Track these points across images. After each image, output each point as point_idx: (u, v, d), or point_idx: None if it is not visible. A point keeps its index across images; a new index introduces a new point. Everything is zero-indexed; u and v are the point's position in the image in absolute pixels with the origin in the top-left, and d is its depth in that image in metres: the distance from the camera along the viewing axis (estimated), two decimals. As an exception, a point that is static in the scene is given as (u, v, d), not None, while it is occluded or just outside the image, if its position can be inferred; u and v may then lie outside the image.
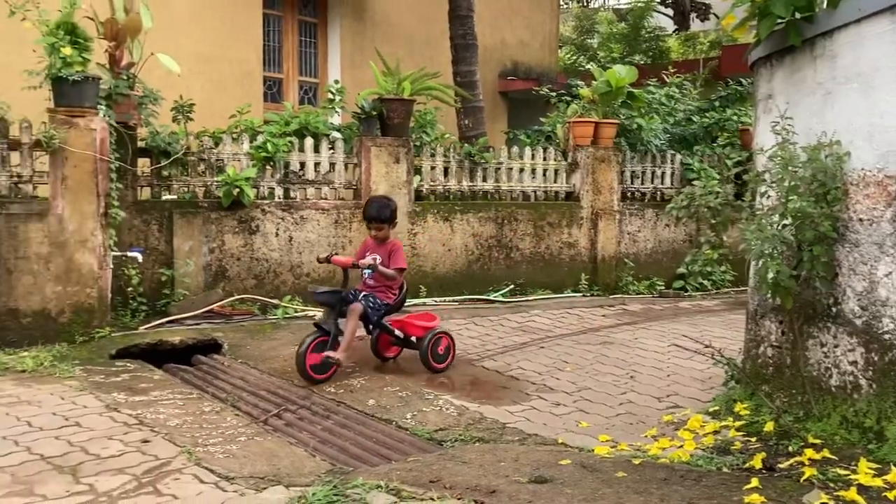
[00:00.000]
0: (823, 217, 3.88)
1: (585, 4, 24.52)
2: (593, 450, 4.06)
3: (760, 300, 4.52)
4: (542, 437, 4.44)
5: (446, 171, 8.62)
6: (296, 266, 7.61)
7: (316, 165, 7.81)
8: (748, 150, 9.22)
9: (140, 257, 6.61)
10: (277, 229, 7.52)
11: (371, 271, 5.58)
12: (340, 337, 5.38)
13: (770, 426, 4.03)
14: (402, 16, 12.26)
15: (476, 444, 4.29)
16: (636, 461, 3.75)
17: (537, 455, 3.93)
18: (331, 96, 8.47)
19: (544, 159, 9.20)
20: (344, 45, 11.67)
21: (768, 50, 4.42)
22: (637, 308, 8.47)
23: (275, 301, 7.34)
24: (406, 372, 5.74)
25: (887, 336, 3.78)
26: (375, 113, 8.00)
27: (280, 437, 4.35)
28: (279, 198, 7.63)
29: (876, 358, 3.82)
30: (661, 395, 5.29)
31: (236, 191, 7.15)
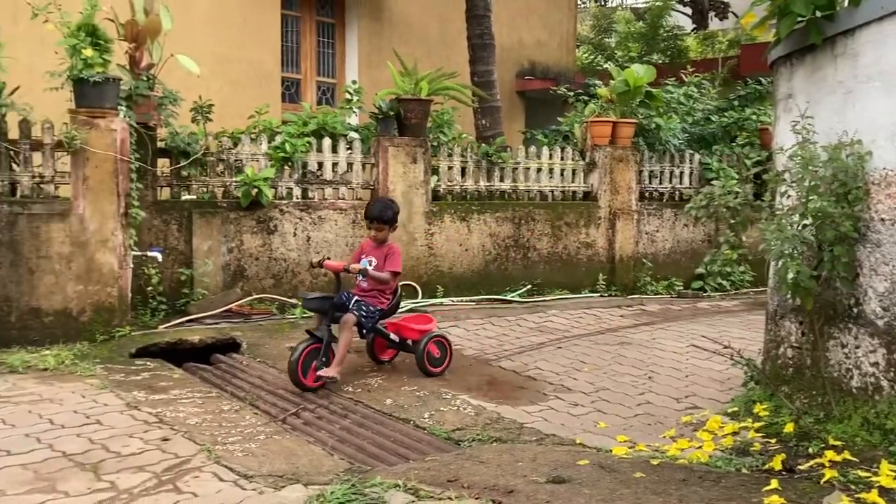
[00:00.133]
0: (844, 217, 3.84)
1: (603, 3, 24.44)
2: (611, 450, 4.05)
3: (780, 301, 4.49)
4: (560, 438, 4.43)
5: (463, 171, 8.62)
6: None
7: (333, 166, 7.84)
8: (768, 150, 9.17)
9: (160, 257, 6.66)
10: (295, 229, 7.56)
11: (363, 276, 5.48)
12: (334, 344, 5.23)
13: (790, 427, 4.00)
14: (420, 16, 12.27)
15: (493, 444, 4.29)
16: (654, 462, 3.74)
17: (555, 455, 3.93)
18: (348, 96, 8.50)
19: (562, 159, 9.18)
20: (361, 46, 11.71)
21: (788, 49, 4.39)
22: (655, 308, 8.44)
23: (293, 301, 7.37)
24: (423, 372, 5.74)
25: (909, 337, 3.74)
26: (393, 113, 8.02)
27: (298, 436, 4.37)
28: (297, 198, 7.66)
29: (898, 359, 3.79)
30: (680, 396, 5.27)
31: (255, 191, 7.19)
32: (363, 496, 3.33)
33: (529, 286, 8.70)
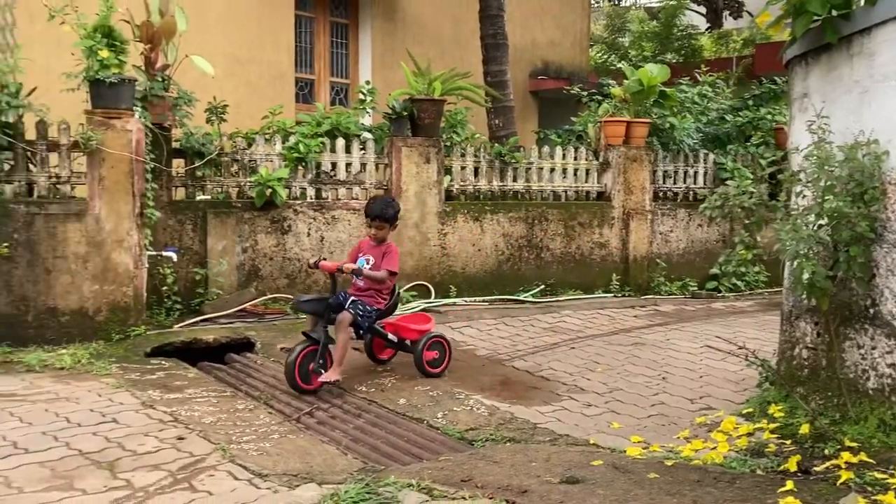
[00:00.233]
0: (860, 217, 3.82)
1: (617, 3, 24.36)
2: (625, 451, 4.04)
3: (795, 301, 4.46)
4: (574, 438, 4.42)
5: (476, 171, 8.62)
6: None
7: (347, 166, 7.86)
8: (783, 150, 9.11)
9: (175, 257, 6.70)
10: (309, 229, 7.58)
11: (357, 276, 5.38)
12: (330, 346, 5.14)
13: (805, 429, 3.97)
14: (433, 16, 12.28)
15: (507, 444, 4.29)
16: (668, 462, 3.73)
17: (569, 455, 3.93)
18: (362, 97, 8.52)
19: (575, 159, 9.16)
20: (375, 46, 11.73)
21: (804, 48, 4.37)
22: (669, 309, 8.41)
23: (306, 300, 7.38)
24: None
25: (926, 338, 3.71)
26: (406, 113, 8.03)
27: (312, 436, 4.39)
28: (311, 198, 7.69)
29: (915, 360, 3.76)
30: (694, 397, 5.25)
31: (269, 191, 7.22)
32: (377, 495, 3.34)
33: (542, 286, 8.69)
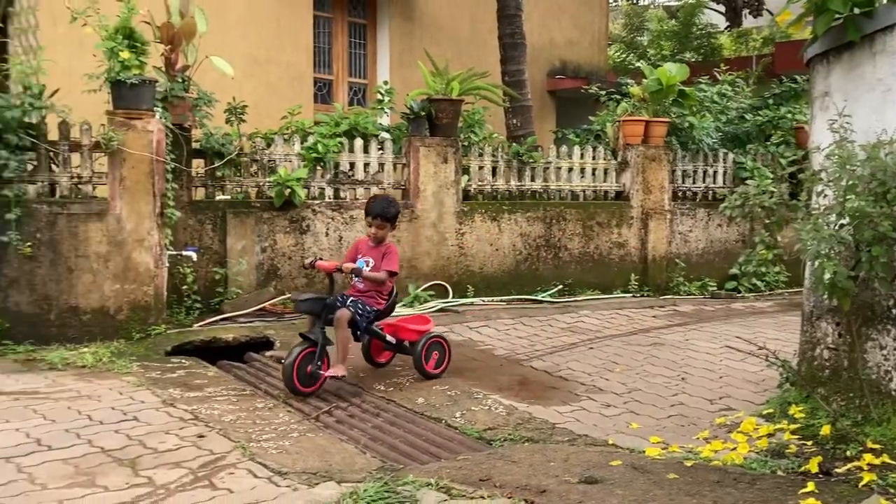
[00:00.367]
0: (883, 217, 3.78)
1: (635, 2, 24.26)
2: (644, 451, 4.03)
3: (816, 301, 4.43)
4: (592, 438, 4.41)
5: (494, 171, 8.62)
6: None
7: (365, 166, 7.88)
8: (803, 149, 9.04)
9: (195, 256, 6.75)
10: (328, 229, 7.61)
11: (357, 276, 5.30)
12: (329, 347, 5.06)
13: (826, 430, 3.94)
14: (451, 16, 12.28)
15: (525, 444, 4.29)
16: (688, 463, 3.71)
17: (587, 456, 3.92)
18: (380, 97, 8.55)
19: (593, 158, 9.14)
20: (393, 46, 11.75)
21: (825, 46, 4.33)
22: (688, 309, 8.37)
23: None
24: (454, 371, 5.75)
25: (950, 339, 3.67)
26: (424, 113, 8.04)
27: (331, 434, 4.41)
28: (329, 198, 7.72)
29: (938, 361, 3.72)
30: (713, 398, 5.22)
31: (288, 191, 7.26)
32: (395, 494, 3.35)
33: (560, 286, 8.67)
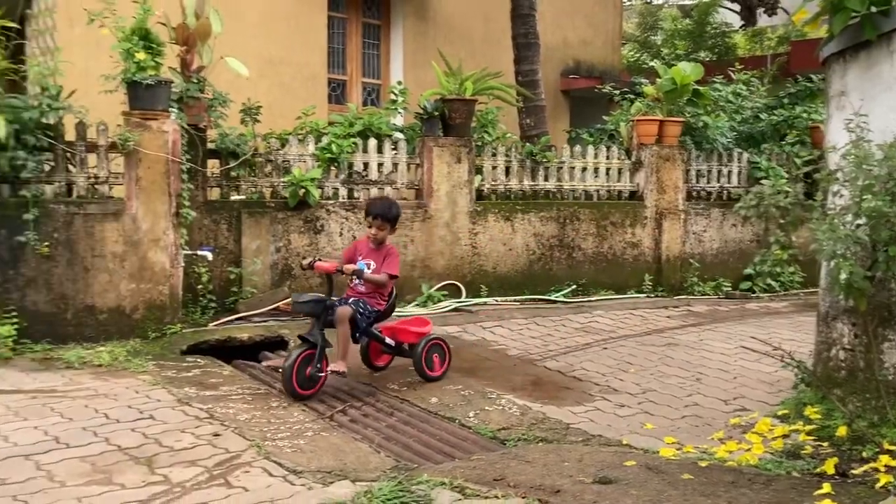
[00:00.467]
0: (900, 216, 3.76)
1: (649, 1, 24.18)
2: (658, 451, 4.02)
3: (832, 302, 4.40)
4: (607, 438, 4.41)
5: (507, 171, 8.62)
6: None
7: (379, 166, 7.90)
8: (819, 149, 8.99)
9: (210, 256, 6.78)
10: (341, 229, 7.63)
11: (358, 278, 5.23)
12: (328, 349, 5.00)
13: (842, 431, 3.92)
14: (464, 16, 12.28)
15: (539, 444, 4.29)
16: (703, 464, 3.71)
17: (601, 456, 3.92)
18: (393, 97, 8.56)
19: (607, 158, 9.12)
20: (406, 47, 11.76)
21: (842, 45, 4.30)
22: (702, 309, 8.34)
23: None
24: (467, 371, 5.76)
25: (968, 340, 3.64)
26: (437, 113, 8.05)
27: (345, 433, 4.43)
28: (343, 198, 7.74)
29: (956, 362, 3.69)
30: (728, 398, 5.21)
31: (302, 191, 7.29)
32: (410, 493, 3.36)
33: (574, 286, 8.65)
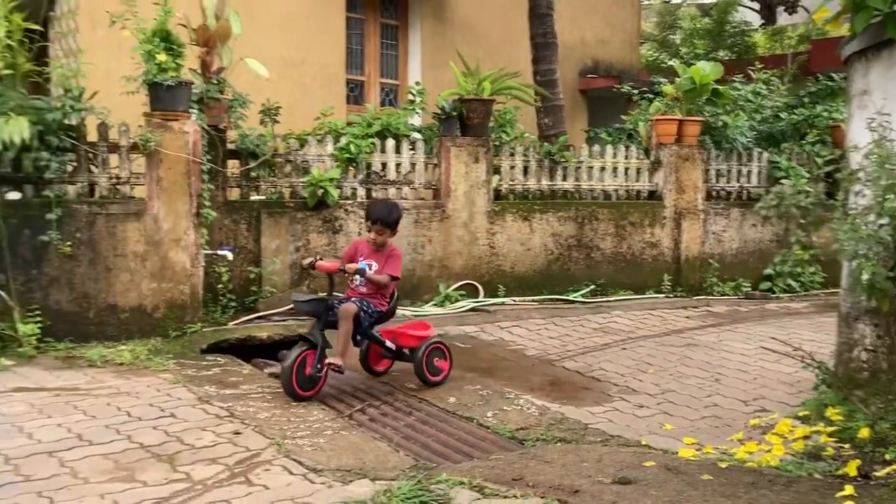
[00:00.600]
0: (923, 216, 3.73)
1: (667, 0, 24.06)
2: (677, 452, 4.01)
3: (854, 302, 4.37)
4: (625, 439, 4.40)
5: (525, 171, 8.62)
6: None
7: (397, 166, 7.92)
8: (840, 148, 8.91)
9: (230, 255, 6.83)
10: (360, 229, 7.65)
11: (360, 278, 5.16)
12: (328, 350, 4.94)
13: (865, 432, 3.89)
14: (482, 16, 12.28)
15: (558, 444, 4.29)
16: (722, 464, 3.69)
17: (620, 456, 3.91)
18: (411, 97, 8.58)
19: (626, 158, 9.09)
20: (424, 47, 11.78)
21: (864, 44, 4.27)
22: (722, 310, 8.30)
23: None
24: (485, 371, 5.77)
25: None
26: (455, 113, 8.06)
27: (364, 432, 4.44)
28: (362, 198, 7.77)
29: (980, 364, 3.65)
30: (748, 399, 5.18)
31: (321, 191, 7.32)
32: (429, 492, 3.37)
33: (592, 286, 8.63)
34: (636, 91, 10.27)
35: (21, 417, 4.37)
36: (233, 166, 7.29)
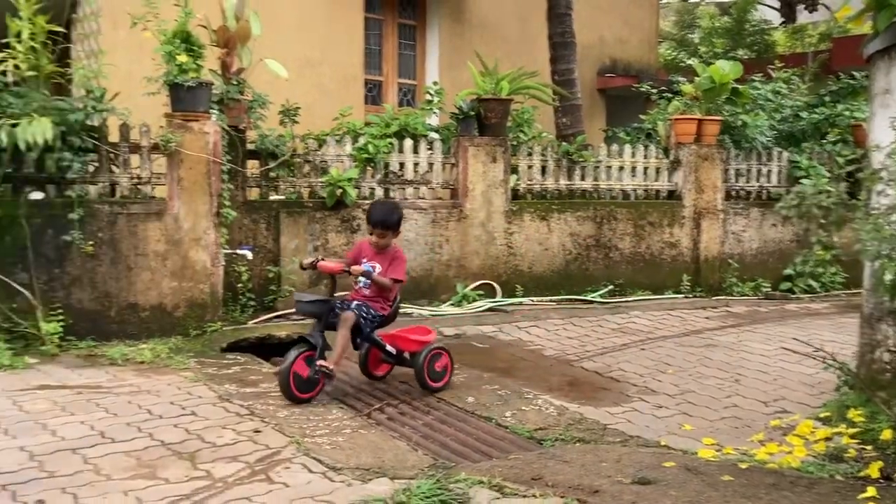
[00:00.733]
0: (947, 216, 3.69)
1: (686, -1, 23.92)
2: (697, 453, 3.99)
3: (877, 303, 4.33)
4: (645, 439, 4.39)
5: (543, 170, 8.60)
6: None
7: (415, 166, 7.94)
8: (861, 147, 8.83)
9: (250, 255, 6.87)
10: (378, 228, 7.66)
11: (365, 279, 5.10)
12: (328, 352, 4.86)
13: (888, 434, 3.86)
14: (500, 16, 12.27)
15: (577, 445, 4.28)
16: (743, 465, 3.67)
17: (640, 456, 3.90)
18: (429, 97, 8.59)
19: (645, 157, 9.06)
20: (442, 47, 11.79)
21: (887, 42, 4.23)
22: (741, 310, 8.25)
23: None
24: (504, 371, 5.77)
25: None
26: (473, 113, 8.06)
27: (383, 431, 4.46)
28: (380, 198, 7.78)
29: None
30: (768, 400, 5.15)
31: (339, 191, 7.35)
32: (448, 491, 3.38)
33: (611, 286, 8.61)
34: (655, 90, 10.23)
35: (45, 415, 4.42)
36: (252, 166, 7.34)
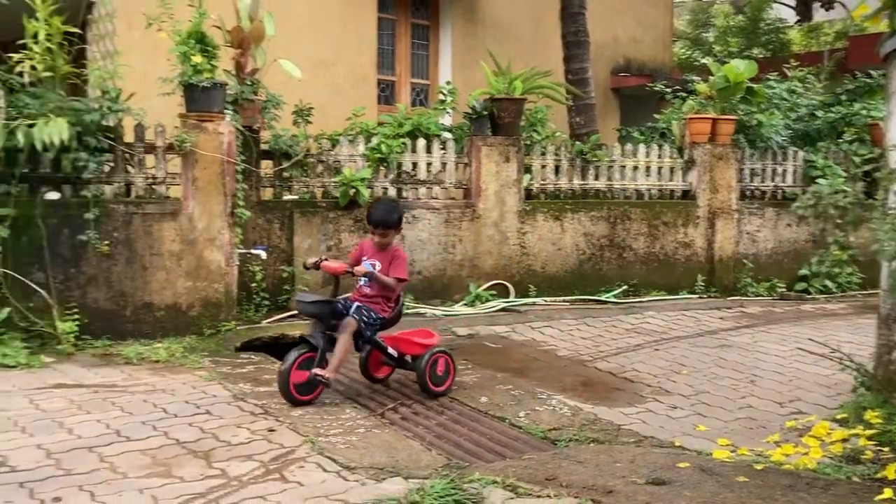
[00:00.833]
0: (966, 216, 3.66)
1: (700, -2, 23.82)
2: (712, 453, 3.98)
3: (894, 304, 4.30)
4: (659, 440, 4.37)
5: (557, 170, 8.59)
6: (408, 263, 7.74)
7: (428, 165, 7.94)
8: (879, 147, 8.77)
9: (264, 254, 6.89)
10: (391, 228, 7.67)
11: (368, 279, 5.07)
12: (328, 353, 4.79)
13: (904, 436, 3.83)
14: (513, 16, 12.26)
15: (591, 445, 4.27)
16: (758, 466, 3.65)
17: (654, 457, 3.88)
18: (442, 97, 8.59)
19: (659, 157, 9.02)
20: (455, 47, 11.78)
21: (904, 40, 4.20)
22: (756, 310, 8.20)
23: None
24: (517, 371, 5.76)
25: None
26: (486, 113, 8.06)
27: (397, 431, 4.46)
28: (392, 197, 7.79)
29: None
30: (783, 401, 5.12)
31: (352, 191, 7.36)
32: (462, 491, 3.38)
33: (625, 287, 8.58)
34: (669, 89, 10.19)
35: (61, 413, 4.45)
36: (266, 166, 7.36)
